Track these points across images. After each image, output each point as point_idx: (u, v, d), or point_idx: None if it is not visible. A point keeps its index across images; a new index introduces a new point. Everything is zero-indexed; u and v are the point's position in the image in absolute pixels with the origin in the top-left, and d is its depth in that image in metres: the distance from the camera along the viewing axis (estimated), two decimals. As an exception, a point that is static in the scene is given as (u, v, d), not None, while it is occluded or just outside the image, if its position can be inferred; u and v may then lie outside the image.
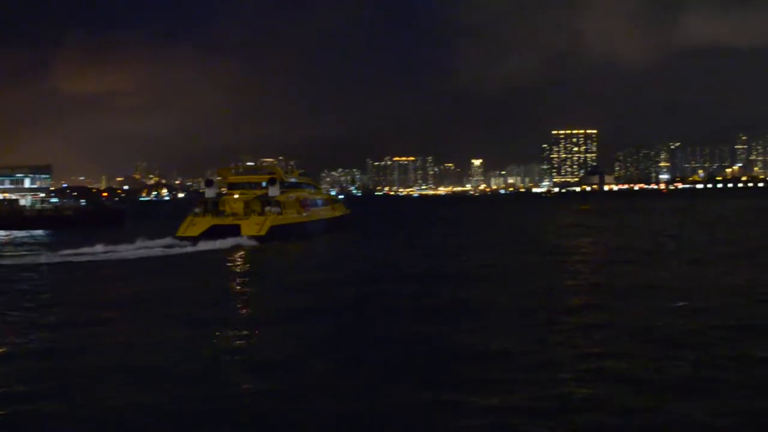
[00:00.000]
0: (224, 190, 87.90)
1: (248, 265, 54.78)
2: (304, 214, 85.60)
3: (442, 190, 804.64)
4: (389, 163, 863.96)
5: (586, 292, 35.61)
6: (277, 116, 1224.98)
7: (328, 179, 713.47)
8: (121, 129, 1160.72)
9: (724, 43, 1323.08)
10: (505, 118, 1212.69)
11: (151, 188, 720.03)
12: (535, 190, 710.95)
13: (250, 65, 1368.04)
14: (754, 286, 35.20)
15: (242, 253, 62.89)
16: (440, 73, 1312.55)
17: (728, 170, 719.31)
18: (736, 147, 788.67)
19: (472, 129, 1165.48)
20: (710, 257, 49.51)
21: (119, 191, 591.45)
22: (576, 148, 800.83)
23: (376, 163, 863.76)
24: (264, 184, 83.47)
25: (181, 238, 70.72)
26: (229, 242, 68.01)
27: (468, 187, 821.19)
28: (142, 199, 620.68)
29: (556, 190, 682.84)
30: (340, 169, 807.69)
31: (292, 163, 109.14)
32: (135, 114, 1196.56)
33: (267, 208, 77.98)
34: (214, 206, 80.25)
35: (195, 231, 72.22)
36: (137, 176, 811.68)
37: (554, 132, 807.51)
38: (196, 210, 79.66)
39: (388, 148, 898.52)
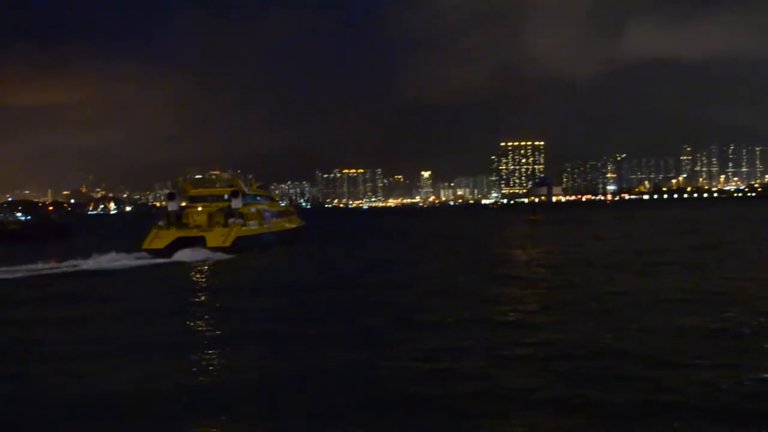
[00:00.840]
0: (185, 203, 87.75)
1: (219, 278, 54.21)
2: (265, 226, 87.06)
3: (391, 202, 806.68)
4: (338, 175, 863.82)
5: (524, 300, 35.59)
6: (225, 129, 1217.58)
7: (277, 192, 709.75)
8: (67, 142, 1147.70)
9: (670, 56, 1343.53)
10: (454, 130, 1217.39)
11: (98, 202, 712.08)
12: (484, 201, 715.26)
13: (197, 78, 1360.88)
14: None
15: (208, 265, 63.37)
16: (389, 86, 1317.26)
17: (674, 181, 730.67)
18: (681, 158, 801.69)
19: (421, 141, 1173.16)
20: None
21: (65, 205, 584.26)
22: (524, 160, 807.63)
23: (326, 176, 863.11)
24: (226, 196, 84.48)
25: (148, 251, 71.32)
26: (198, 254, 68.61)
27: (417, 198, 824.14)
28: (90, 213, 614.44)
29: (504, 201, 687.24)
30: (289, 182, 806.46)
31: (250, 176, 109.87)
32: (82, 127, 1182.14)
33: (231, 220, 79.06)
34: (177, 219, 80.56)
35: (160, 243, 72.71)
36: (84, 190, 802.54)
37: (502, 144, 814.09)
38: (160, 223, 79.75)
39: (338, 160, 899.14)
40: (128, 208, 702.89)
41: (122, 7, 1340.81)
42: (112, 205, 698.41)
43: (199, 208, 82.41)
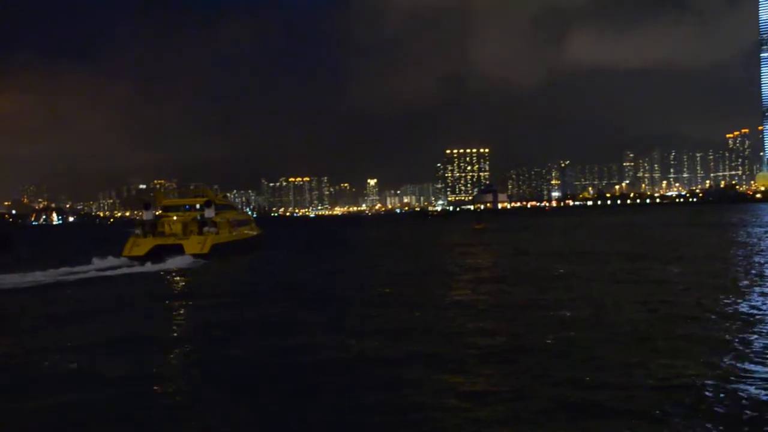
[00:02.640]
0: (157, 212, 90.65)
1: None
2: (234, 234, 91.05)
3: (338, 210, 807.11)
4: (284, 183, 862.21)
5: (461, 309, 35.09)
6: (169, 138, 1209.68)
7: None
8: (8, 152, 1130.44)
9: (611, 64, 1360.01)
10: (400, 138, 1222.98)
11: (40, 212, 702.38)
12: (430, 208, 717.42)
13: (142, 88, 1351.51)
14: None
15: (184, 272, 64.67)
16: (334, 94, 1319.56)
17: (617, 187, 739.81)
18: (624, 164, 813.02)
19: (367, 149, 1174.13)
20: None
21: (7, 216, 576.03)
22: (469, 167, 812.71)
23: (272, 184, 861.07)
24: (198, 206, 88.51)
25: (130, 258, 74.73)
26: (178, 261, 71.29)
27: (363, 206, 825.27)
28: (34, 223, 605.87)
29: (438, 209, 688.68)
30: (234, 191, 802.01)
31: (215, 186, 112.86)
32: (23, 137, 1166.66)
33: (205, 229, 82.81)
34: (152, 228, 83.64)
35: (140, 251, 76.44)
36: (26, 200, 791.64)
37: (448, 151, 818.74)
38: (137, 231, 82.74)
39: (284, 168, 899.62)
40: (71, 219, 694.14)
41: (67, 18, 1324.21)
42: (54, 216, 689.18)
43: (174, 218, 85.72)
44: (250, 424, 17.93)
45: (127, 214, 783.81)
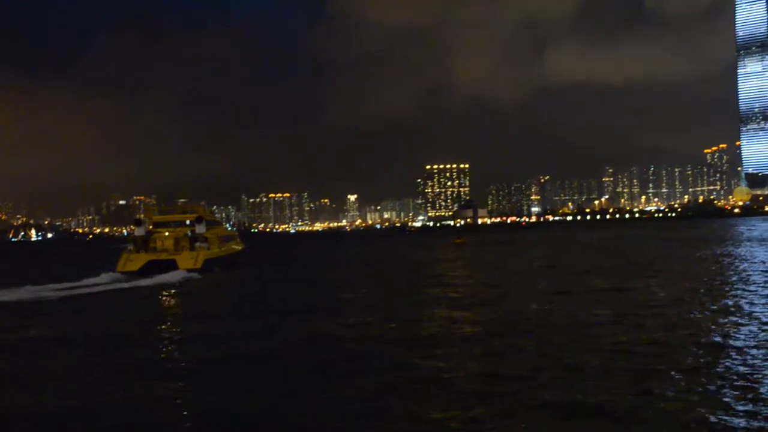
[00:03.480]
0: (149, 227, 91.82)
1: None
2: (223, 249, 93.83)
3: (318, 226, 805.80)
4: (265, 199, 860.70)
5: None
6: (149, 154, 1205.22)
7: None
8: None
9: (591, 79, 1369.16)
10: (380, 153, 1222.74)
11: (18, 229, 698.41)
12: (410, 224, 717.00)
13: (121, 103, 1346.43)
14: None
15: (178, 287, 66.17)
16: (315, 109, 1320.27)
17: (596, 202, 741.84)
18: (603, 180, 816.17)
19: (347, 165, 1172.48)
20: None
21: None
22: (449, 183, 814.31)
23: (252, 200, 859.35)
24: (188, 222, 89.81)
25: (124, 273, 76.37)
26: (176, 275, 73.02)
27: (344, 222, 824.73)
28: (12, 240, 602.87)
29: (419, 225, 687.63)
30: (215, 207, 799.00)
31: (203, 203, 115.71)
32: (0, 153, 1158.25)
33: (197, 244, 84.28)
34: (143, 244, 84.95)
35: (134, 266, 78.07)
36: (3, 216, 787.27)
37: (428, 167, 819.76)
38: (130, 247, 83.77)
39: (264, 184, 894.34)
40: (50, 235, 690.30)
41: (45, 32, 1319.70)
42: (33, 232, 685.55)
43: (166, 233, 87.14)
44: None
45: (107, 230, 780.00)
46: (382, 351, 28.73)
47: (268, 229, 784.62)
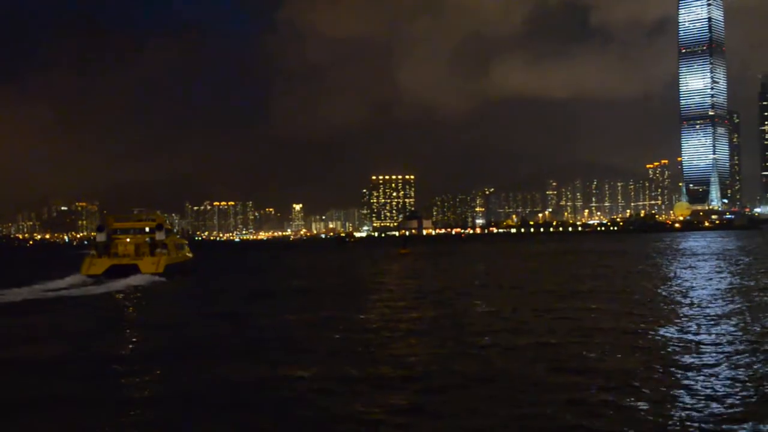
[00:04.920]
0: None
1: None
2: (180, 255, 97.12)
3: (263, 235, 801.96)
4: (209, 207, 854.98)
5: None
6: (91, 160, 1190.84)
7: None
8: None
9: (536, 93, 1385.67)
10: (326, 163, 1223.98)
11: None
12: (356, 234, 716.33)
13: (64, 109, 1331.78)
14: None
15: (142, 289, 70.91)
16: (260, 119, 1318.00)
17: (540, 215, 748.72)
18: (547, 193, 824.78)
19: (292, 174, 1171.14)
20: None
21: None
22: (395, 194, 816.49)
23: (195, 208, 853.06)
24: (147, 229, 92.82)
25: (88, 276, 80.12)
26: (138, 279, 77.30)
27: (289, 231, 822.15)
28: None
29: (364, 235, 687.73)
30: (158, 213, 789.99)
31: (158, 212, 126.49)
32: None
33: (157, 250, 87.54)
34: (105, 249, 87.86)
35: (97, 270, 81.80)
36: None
37: (373, 177, 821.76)
38: (92, 252, 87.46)
39: (208, 192, 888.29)
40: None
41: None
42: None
43: (128, 240, 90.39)
44: None
45: (47, 236, 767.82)
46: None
47: (212, 237, 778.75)
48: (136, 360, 31.09)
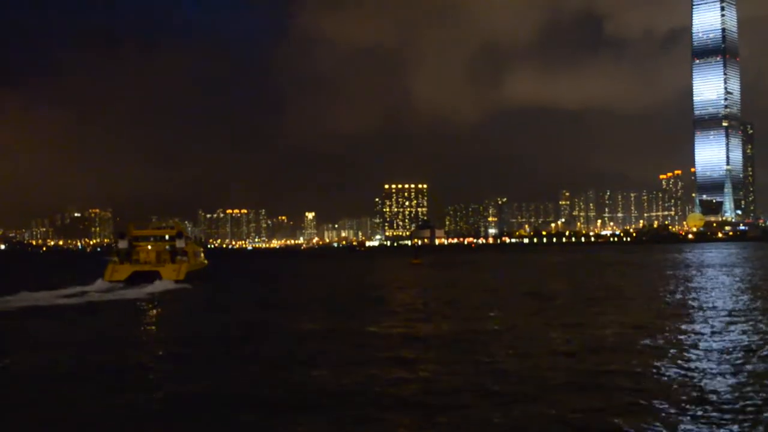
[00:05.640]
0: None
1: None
2: (198, 262, 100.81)
3: (275, 243, 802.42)
4: (222, 215, 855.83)
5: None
6: (106, 167, 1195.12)
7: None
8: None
9: (549, 103, 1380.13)
10: (339, 171, 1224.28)
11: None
12: (368, 243, 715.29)
13: (78, 115, 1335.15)
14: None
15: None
16: (273, 127, 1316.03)
17: (552, 225, 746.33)
18: (560, 203, 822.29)
19: (305, 182, 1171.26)
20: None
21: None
22: (407, 203, 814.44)
23: (209, 216, 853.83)
24: (167, 237, 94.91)
25: (112, 282, 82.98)
26: (161, 285, 79.32)
27: (301, 240, 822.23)
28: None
29: (376, 244, 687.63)
30: (161, 221, 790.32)
31: (176, 219, 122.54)
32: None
33: (178, 258, 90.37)
34: (126, 256, 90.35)
35: (120, 276, 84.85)
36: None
37: (386, 186, 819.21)
38: (114, 259, 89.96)
39: (221, 200, 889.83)
40: (2, 246, 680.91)
41: (4, 43, 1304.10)
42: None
43: (149, 247, 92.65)
44: None
45: (61, 242, 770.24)
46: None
47: (225, 245, 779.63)
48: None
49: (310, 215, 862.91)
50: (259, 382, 27.07)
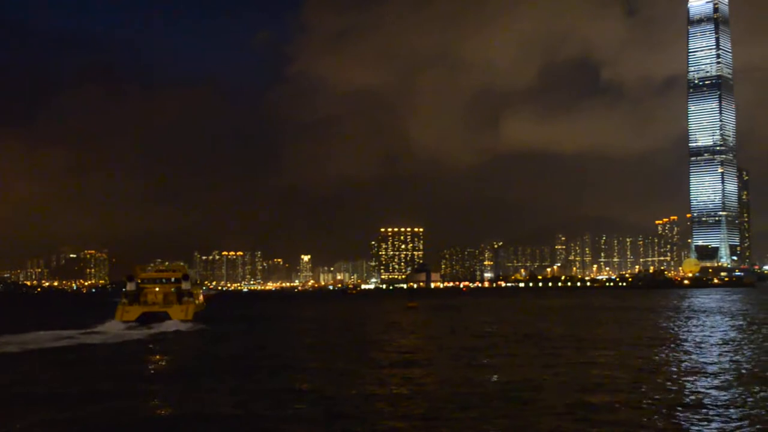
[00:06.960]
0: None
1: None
2: (201, 304, 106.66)
3: (270, 286, 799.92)
4: (218, 257, 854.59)
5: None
6: (101, 208, 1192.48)
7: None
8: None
9: (546, 147, 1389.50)
10: (335, 215, 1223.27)
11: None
12: (364, 286, 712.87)
13: (75, 156, 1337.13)
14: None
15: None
16: (270, 170, 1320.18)
17: (548, 269, 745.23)
18: (556, 247, 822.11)
19: (301, 225, 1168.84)
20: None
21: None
22: (403, 246, 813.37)
23: (204, 258, 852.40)
24: (173, 279, 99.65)
25: (123, 322, 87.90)
26: (172, 324, 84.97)
27: (296, 282, 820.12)
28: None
29: (370, 287, 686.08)
30: (167, 263, 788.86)
31: (181, 263, 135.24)
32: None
33: (184, 299, 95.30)
34: (135, 297, 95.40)
35: (131, 316, 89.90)
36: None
37: (382, 229, 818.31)
38: (123, 300, 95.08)
39: (217, 242, 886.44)
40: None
41: (8, 82, 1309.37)
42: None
43: (157, 289, 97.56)
44: None
45: (56, 283, 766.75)
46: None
47: (219, 287, 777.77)
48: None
49: (305, 258, 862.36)
50: None
